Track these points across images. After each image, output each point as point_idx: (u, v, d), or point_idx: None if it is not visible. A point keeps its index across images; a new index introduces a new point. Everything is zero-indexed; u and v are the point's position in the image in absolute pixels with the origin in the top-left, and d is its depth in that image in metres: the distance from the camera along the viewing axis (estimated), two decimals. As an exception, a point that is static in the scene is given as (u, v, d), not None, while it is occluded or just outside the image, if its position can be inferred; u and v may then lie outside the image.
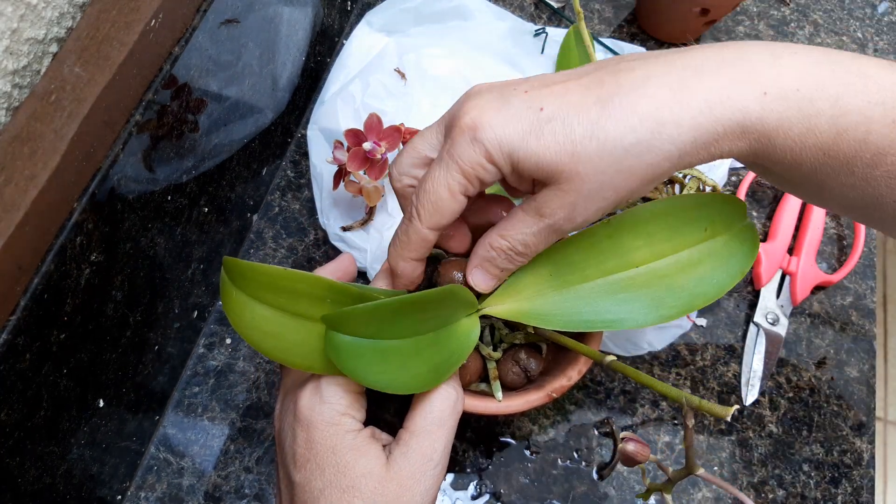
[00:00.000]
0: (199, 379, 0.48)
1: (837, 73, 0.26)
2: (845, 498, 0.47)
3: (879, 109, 0.26)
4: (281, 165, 0.56)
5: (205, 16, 0.38)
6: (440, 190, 0.29)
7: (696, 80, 0.26)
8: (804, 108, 0.26)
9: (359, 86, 0.53)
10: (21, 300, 0.30)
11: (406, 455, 0.31)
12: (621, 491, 0.46)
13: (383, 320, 0.30)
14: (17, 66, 0.32)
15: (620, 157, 0.26)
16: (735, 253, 0.34)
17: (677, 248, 0.33)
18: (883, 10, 0.68)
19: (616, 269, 0.33)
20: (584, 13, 0.64)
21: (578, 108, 0.26)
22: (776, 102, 0.26)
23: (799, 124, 0.26)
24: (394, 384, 0.31)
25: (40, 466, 0.35)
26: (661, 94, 0.26)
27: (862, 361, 0.52)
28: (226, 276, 0.32)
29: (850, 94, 0.26)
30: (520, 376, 0.37)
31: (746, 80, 0.26)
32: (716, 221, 0.33)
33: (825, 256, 0.56)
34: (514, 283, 0.34)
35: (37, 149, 0.30)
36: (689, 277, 0.33)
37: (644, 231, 0.33)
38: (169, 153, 0.39)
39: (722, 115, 0.26)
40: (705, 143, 0.27)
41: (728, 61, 0.26)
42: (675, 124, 0.26)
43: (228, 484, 0.45)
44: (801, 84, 0.26)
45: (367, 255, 0.49)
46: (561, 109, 0.27)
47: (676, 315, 0.33)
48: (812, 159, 0.27)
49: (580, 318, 0.33)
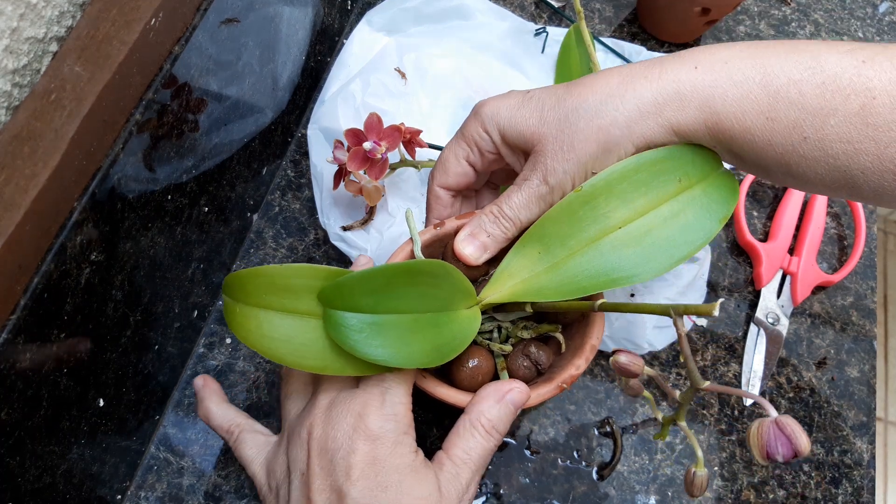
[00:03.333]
0: (199, 378, 0.48)
1: (765, 49, 0.30)
2: (846, 498, 0.47)
3: (807, 73, 0.29)
4: (281, 165, 0.56)
5: (205, 15, 0.38)
6: (447, 154, 0.38)
7: (643, 67, 0.32)
8: (733, 74, 0.30)
9: (359, 85, 0.53)
10: (21, 299, 0.30)
11: (451, 483, 0.32)
12: (621, 491, 0.46)
13: (379, 290, 0.30)
14: (17, 64, 0.32)
15: (575, 121, 0.32)
16: (715, 199, 0.34)
17: (655, 203, 0.33)
18: (884, 10, 0.68)
19: (599, 234, 0.33)
20: (585, 12, 0.64)
21: (554, 91, 0.34)
22: (706, 73, 0.31)
23: (732, 89, 0.30)
24: (395, 358, 0.31)
25: (40, 466, 0.35)
26: (614, 80, 0.33)
27: (862, 361, 0.52)
28: (226, 296, 0.32)
29: (775, 63, 0.30)
30: (531, 370, 0.38)
31: (682, 61, 0.32)
32: (688, 172, 0.33)
33: (826, 256, 0.56)
34: (507, 270, 0.35)
35: (37, 148, 0.30)
36: (672, 228, 0.33)
37: (617, 191, 0.33)
38: (169, 152, 0.39)
39: (659, 87, 0.31)
40: (648, 112, 0.32)
41: (673, 57, 0.32)
42: (620, 96, 0.32)
43: (228, 483, 0.45)
44: (728, 57, 0.31)
45: (368, 254, 0.49)
46: (542, 93, 0.34)
47: (670, 266, 0.33)
48: (760, 127, 0.30)
49: (574, 284, 0.33)
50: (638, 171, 0.33)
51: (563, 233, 0.33)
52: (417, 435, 0.33)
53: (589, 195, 0.33)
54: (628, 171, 0.33)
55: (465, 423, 0.33)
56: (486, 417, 0.33)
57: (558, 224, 0.34)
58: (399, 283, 0.31)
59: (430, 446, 0.33)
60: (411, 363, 0.31)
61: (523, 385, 0.34)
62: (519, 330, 0.38)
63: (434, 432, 0.47)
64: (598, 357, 0.50)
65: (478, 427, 0.33)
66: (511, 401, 0.34)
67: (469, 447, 0.33)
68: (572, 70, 0.56)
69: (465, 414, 0.34)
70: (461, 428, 0.33)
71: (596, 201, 0.33)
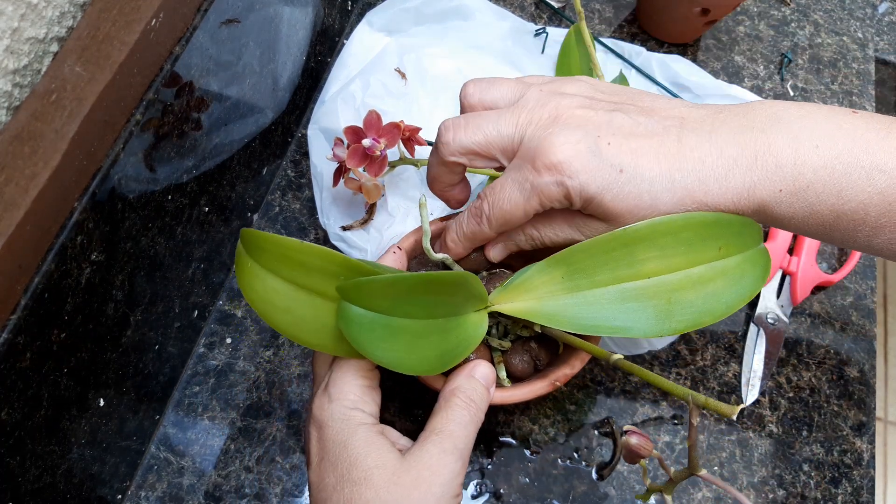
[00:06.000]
0: (199, 378, 0.48)
1: (848, 169, 0.30)
2: (845, 498, 0.47)
3: (877, 198, 0.30)
4: (281, 165, 0.56)
5: (205, 15, 0.38)
6: (515, 211, 0.33)
7: (734, 172, 0.31)
8: (810, 200, 0.31)
9: (359, 85, 0.53)
10: (21, 299, 0.30)
11: (423, 447, 0.31)
12: (621, 491, 0.46)
13: (398, 296, 0.30)
14: (17, 65, 0.32)
15: (660, 215, 0.32)
16: (747, 274, 0.34)
17: (690, 263, 0.33)
18: (883, 11, 0.68)
19: (627, 277, 0.33)
20: (585, 13, 0.64)
21: (650, 178, 0.31)
22: (788, 196, 0.31)
23: (803, 211, 0.31)
24: (401, 364, 0.31)
25: (41, 466, 0.35)
26: (710, 182, 0.31)
27: (862, 361, 0.52)
28: (242, 247, 0.32)
29: (853, 189, 0.31)
30: (529, 365, 0.38)
31: (769, 177, 0.31)
32: (730, 241, 0.33)
33: (825, 256, 0.56)
34: (526, 283, 0.34)
35: (37, 148, 0.30)
36: (698, 293, 0.33)
37: (658, 243, 0.33)
38: (170, 152, 0.39)
39: (745, 205, 0.32)
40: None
41: (761, 154, 0.31)
42: (714, 207, 0.32)
43: (229, 483, 0.45)
44: (813, 181, 0.31)
45: (368, 254, 0.49)
46: (636, 174, 0.31)
47: (682, 329, 0.33)
48: (812, 230, 0.33)
49: (588, 321, 0.33)
50: (685, 229, 0.32)
51: (593, 265, 0.33)
52: (411, 430, 0.33)
53: (631, 238, 0.32)
54: (676, 227, 0.32)
55: (440, 400, 0.34)
56: (461, 390, 0.33)
57: (590, 256, 0.33)
58: (419, 292, 0.31)
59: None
60: (414, 370, 0.32)
61: (486, 362, 0.35)
62: (518, 328, 0.38)
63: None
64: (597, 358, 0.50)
65: (452, 399, 0.33)
66: (480, 375, 0.34)
67: (447, 417, 0.32)
68: (572, 70, 0.56)
69: (440, 394, 0.34)
70: (438, 406, 0.33)
71: (635, 246, 0.33)
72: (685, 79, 0.57)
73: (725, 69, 0.63)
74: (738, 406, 0.27)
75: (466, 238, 0.36)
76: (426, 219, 0.36)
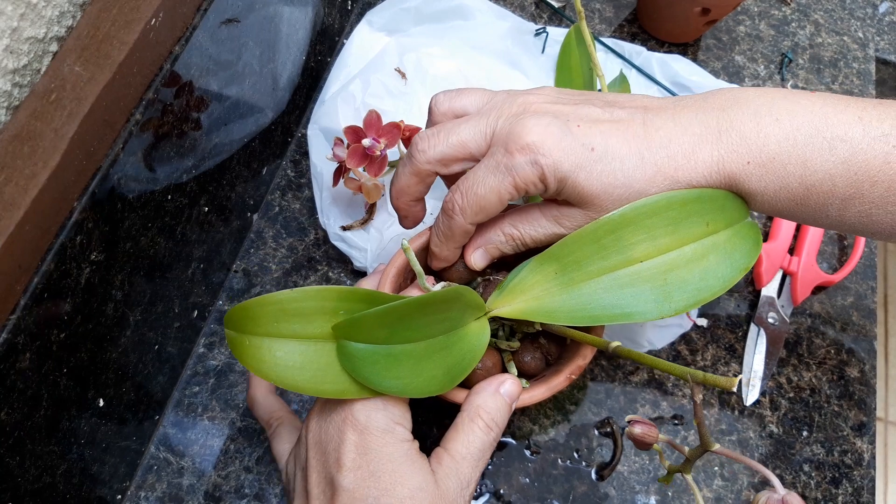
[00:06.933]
0: (199, 378, 0.48)
1: (810, 139, 0.32)
2: (846, 498, 0.47)
3: (842, 168, 0.31)
4: (281, 165, 0.56)
5: (205, 15, 0.38)
6: (489, 195, 0.33)
7: (700, 147, 0.32)
8: (778, 171, 0.32)
9: (359, 85, 0.53)
10: (21, 299, 0.30)
11: (450, 477, 0.32)
12: (621, 491, 0.46)
13: (394, 324, 0.30)
14: (17, 64, 0.32)
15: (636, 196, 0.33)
16: (738, 248, 0.34)
17: (680, 242, 0.33)
18: (884, 10, 0.68)
19: (620, 264, 0.33)
20: (585, 12, 0.64)
21: (621, 156, 0.32)
22: (756, 168, 0.32)
23: (774, 185, 0.32)
24: (409, 388, 0.31)
25: (40, 466, 0.35)
26: (679, 158, 0.32)
27: (862, 361, 0.52)
28: (230, 332, 0.31)
29: (817, 158, 0.31)
30: (541, 360, 0.38)
31: (735, 150, 0.32)
32: (716, 217, 0.33)
33: (826, 256, 0.56)
34: (521, 283, 0.34)
35: (37, 148, 0.30)
36: (692, 271, 0.33)
37: (645, 225, 0.33)
38: (169, 152, 0.39)
39: (716, 180, 0.33)
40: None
41: (724, 129, 0.32)
42: (686, 183, 0.33)
43: (228, 484, 0.45)
44: (777, 152, 0.32)
45: (368, 254, 0.49)
46: (606, 152, 0.32)
47: (683, 309, 0.33)
48: (786, 206, 0.33)
49: (588, 313, 0.33)
50: (669, 208, 0.32)
51: (584, 256, 0.33)
52: (418, 435, 0.33)
53: (616, 224, 0.32)
54: (659, 206, 0.32)
55: (463, 417, 0.33)
56: (485, 410, 0.33)
57: (580, 247, 0.33)
58: (413, 316, 0.30)
59: (430, 446, 0.33)
60: (424, 393, 0.31)
61: (514, 377, 0.35)
62: (525, 326, 0.38)
63: (434, 432, 0.47)
64: (597, 357, 0.50)
65: (476, 421, 0.33)
66: (506, 393, 0.34)
67: (469, 441, 0.32)
68: (572, 70, 0.56)
69: (462, 409, 0.34)
70: (460, 423, 0.33)
71: (622, 231, 0.33)
72: (685, 78, 0.57)
73: (726, 69, 0.63)
74: (737, 378, 0.27)
75: (445, 236, 0.35)
76: (415, 261, 0.34)
